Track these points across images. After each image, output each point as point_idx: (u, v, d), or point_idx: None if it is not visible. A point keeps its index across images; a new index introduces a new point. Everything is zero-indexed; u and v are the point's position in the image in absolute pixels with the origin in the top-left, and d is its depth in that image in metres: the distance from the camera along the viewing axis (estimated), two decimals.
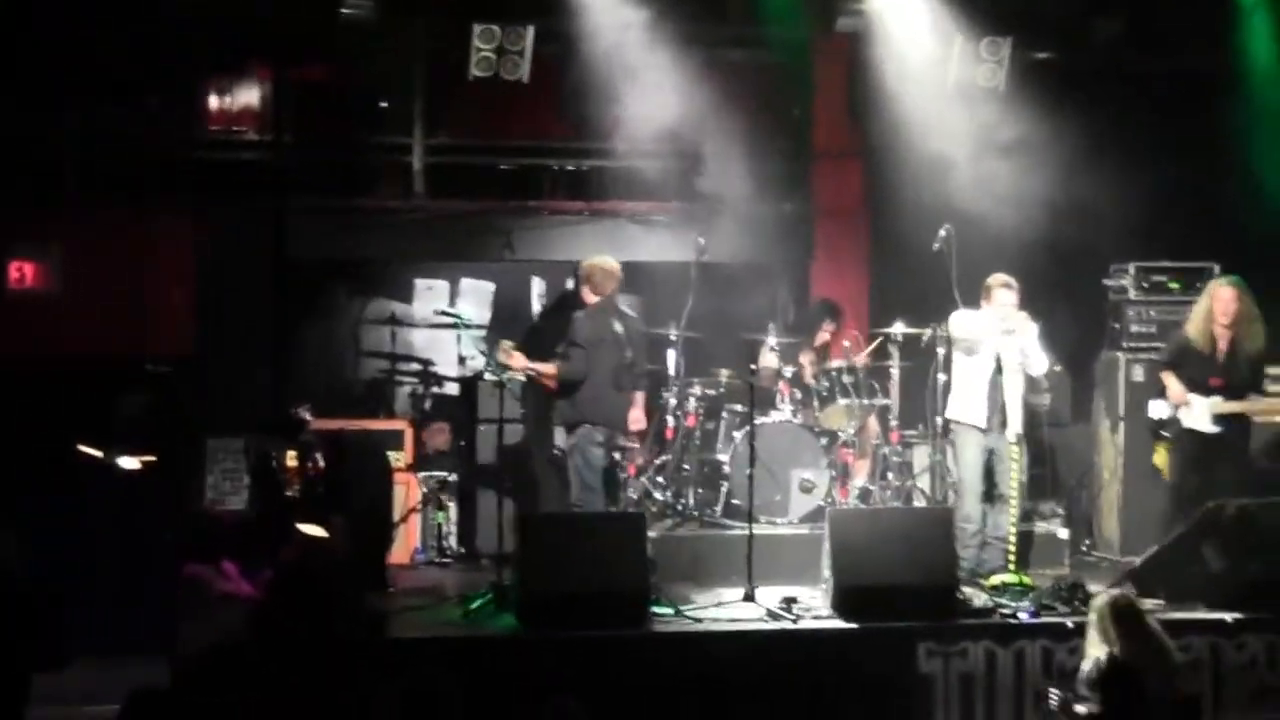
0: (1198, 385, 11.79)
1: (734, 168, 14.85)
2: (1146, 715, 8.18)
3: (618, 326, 12.08)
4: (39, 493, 11.90)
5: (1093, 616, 8.68)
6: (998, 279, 12.06)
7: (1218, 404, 11.70)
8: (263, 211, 13.66)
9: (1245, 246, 13.37)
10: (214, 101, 14.79)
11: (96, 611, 11.29)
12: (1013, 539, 11.67)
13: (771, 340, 13.24)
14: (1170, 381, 11.87)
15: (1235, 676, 10.27)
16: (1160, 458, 12.18)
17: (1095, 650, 8.57)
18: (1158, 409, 12.01)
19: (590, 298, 12.19)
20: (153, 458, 11.24)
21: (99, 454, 11.09)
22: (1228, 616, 10.37)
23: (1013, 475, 11.75)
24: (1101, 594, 9.06)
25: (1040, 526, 12.68)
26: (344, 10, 13.55)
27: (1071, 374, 13.67)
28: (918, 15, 14.08)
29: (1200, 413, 11.74)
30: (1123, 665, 8.28)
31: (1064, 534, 12.47)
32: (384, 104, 14.81)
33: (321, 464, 11.48)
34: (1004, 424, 11.82)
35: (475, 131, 14.99)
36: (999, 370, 11.92)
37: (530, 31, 13.70)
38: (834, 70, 15.16)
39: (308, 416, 12.08)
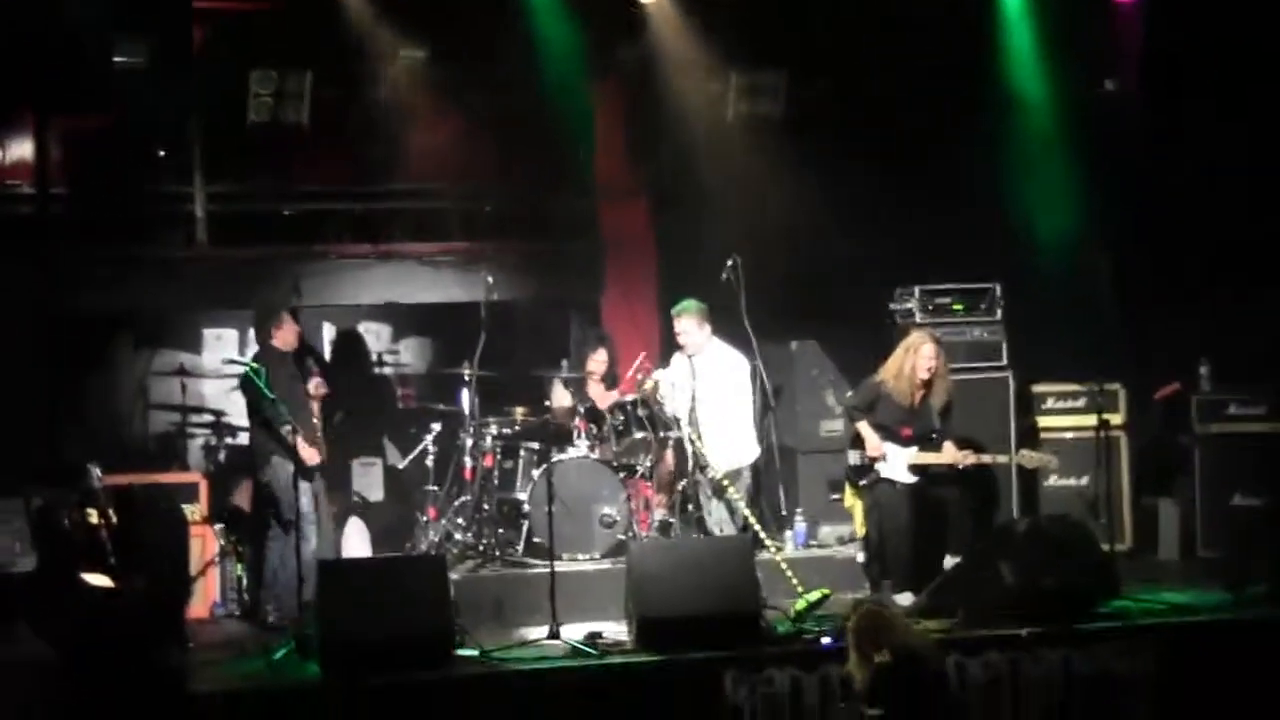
0: (890, 434, 11.93)
1: (520, 207, 14.95)
2: (931, 709, 8.28)
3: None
4: None
5: (849, 638, 8.70)
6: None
7: (914, 454, 11.85)
8: (37, 263, 13.35)
9: (1022, 264, 13.72)
10: None
11: None
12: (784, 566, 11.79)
13: (564, 376, 13.27)
14: (866, 431, 11.95)
15: (1034, 690, 10.41)
16: (850, 503, 12.31)
17: (860, 670, 8.59)
18: (854, 457, 12.10)
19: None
20: None
21: None
22: (1024, 631, 10.51)
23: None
24: (851, 612, 9.08)
25: (840, 551, 12.80)
26: (118, 59, 13.30)
27: None
28: (690, 52, 14.16)
29: (897, 463, 11.89)
30: (890, 669, 8.32)
31: (862, 558, 12.58)
32: (162, 152, 14.58)
33: (113, 520, 11.23)
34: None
35: (256, 177, 14.81)
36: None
37: (308, 75, 13.59)
38: (615, 107, 15.23)
39: (97, 472, 11.83)
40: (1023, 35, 14.01)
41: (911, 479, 11.82)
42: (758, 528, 11.99)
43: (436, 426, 13.01)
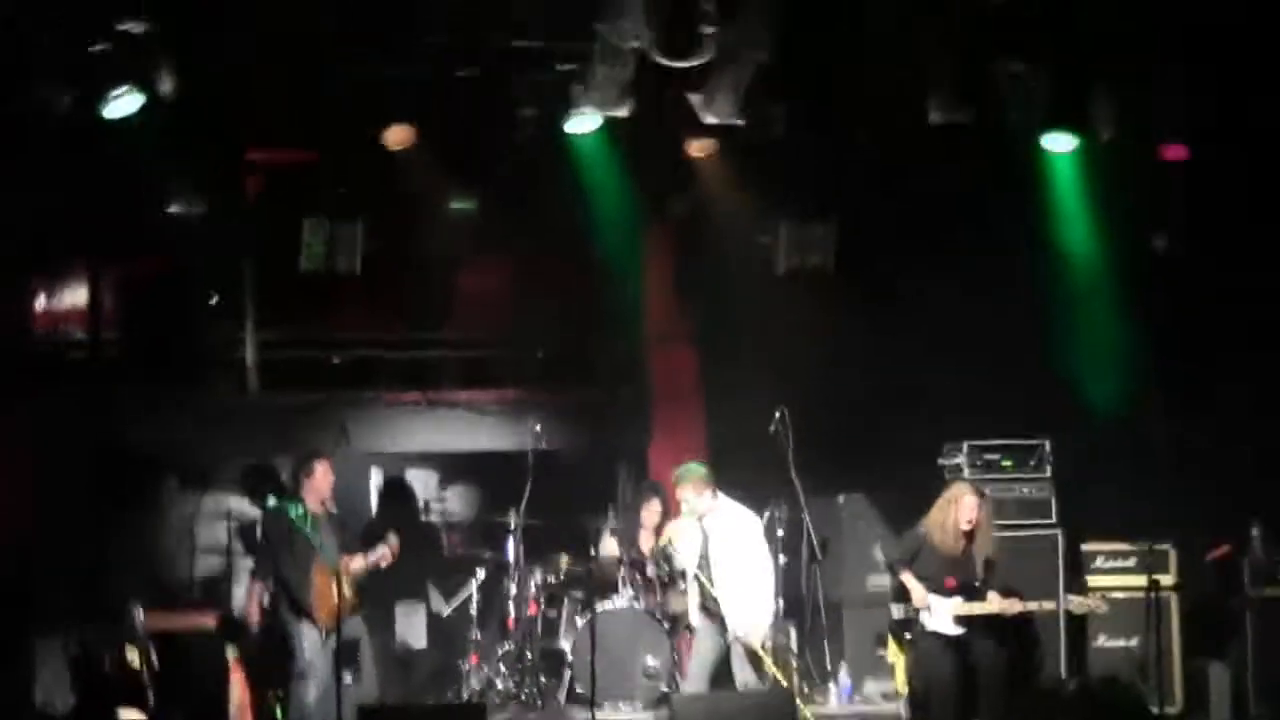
0: (934, 586, 11.84)
1: (569, 353, 15.01)
2: None
3: None
4: None
5: None
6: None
7: (958, 605, 11.75)
8: (88, 405, 13.44)
9: (1072, 421, 13.64)
10: (41, 300, 14.62)
11: None
12: None
13: (611, 524, 13.24)
14: (911, 582, 11.86)
15: None
16: (894, 658, 12.17)
17: None
18: (897, 610, 11.98)
19: None
20: None
21: None
22: None
23: None
24: None
25: (884, 708, 12.67)
26: (172, 208, 13.44)
27: None
28: (740, 204, 14.23)
29: (941, 614, 11.78)
30: None
31: (906, 715, 12.41)
32: (215, 298, 14.71)
33: (154, 661, 11.22)
34: None
35: (307, 323, 14.92)
36: None
37: (360, 225, 13.70)
38: (665, 255, 15.30)
39: (139, 613, 11.84)
40: (1071, 191, 13.98)
41: (956, 630, 11.69)
42: (784, 684, 11.80)
43: (481, 573, 12.96)
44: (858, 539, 13.65)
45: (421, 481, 15.46)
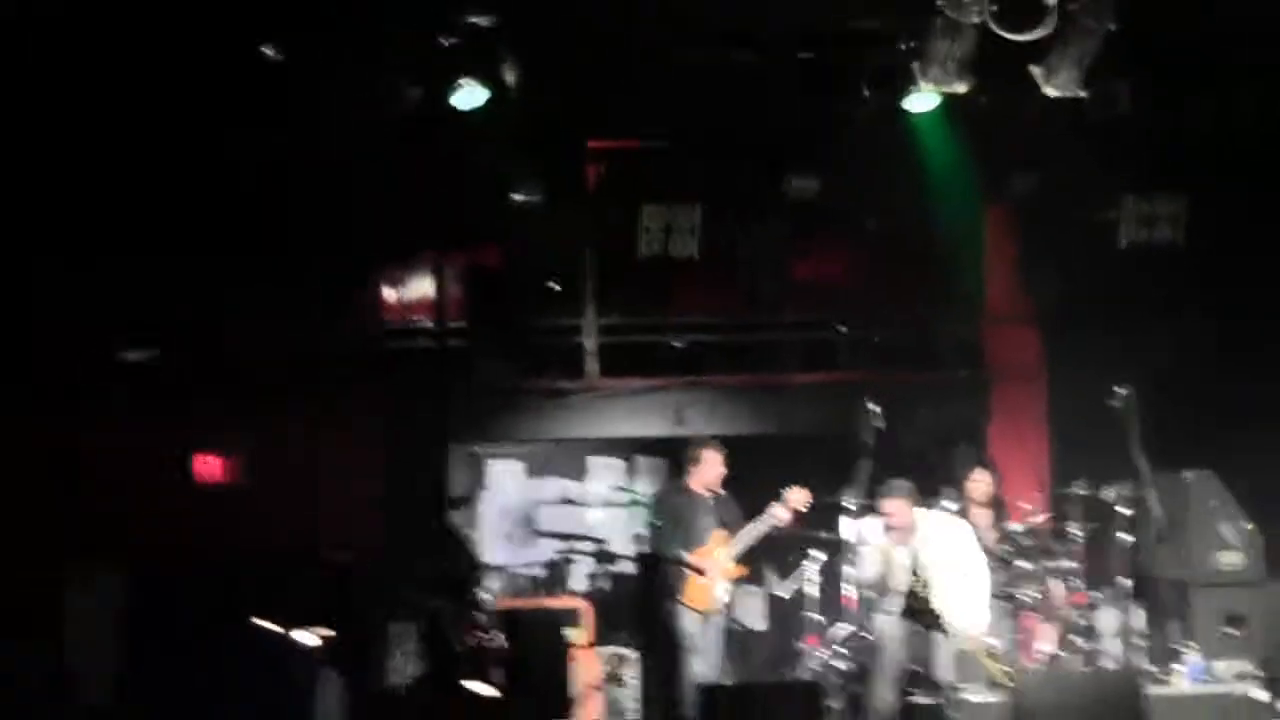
0: None
1: (908, 335, 14.90)
2: None
3: None
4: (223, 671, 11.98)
5: None
6: None
7: None
8: (436, 393, 13.82)
9: None
10: (389, 291, 15.07)
11: None
12: None
13: (950, 507, 13.10)
14: None
15: None
16: None
17: None
18: None
19: None
20: (331, 633, 11.31)
21: (277, 628, 11.20)
22: None
23: None
24: None
25: (1237, 688, 12.23)
26: (514, 197, 13.73)
27: (1264, 532, 13.29)
28: (1085, 178, 13.94)
29: None
30: None
31: (1264, 696, 12.01)
32: (555, 285, 14.97)
33: (500, 641, 11.49)
34: None
35: (645, 309, 15.11)
36: None
37: (698, 209, 13.81)
38: (1006, 233, 15.08)
39: (488, 595, 12.16)
40: None
41: None
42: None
43: (818, 554, 12.92)
44: (1206, 517, 13.23)
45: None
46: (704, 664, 12.23)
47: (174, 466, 14.11)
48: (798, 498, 12.51)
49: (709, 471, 12.63)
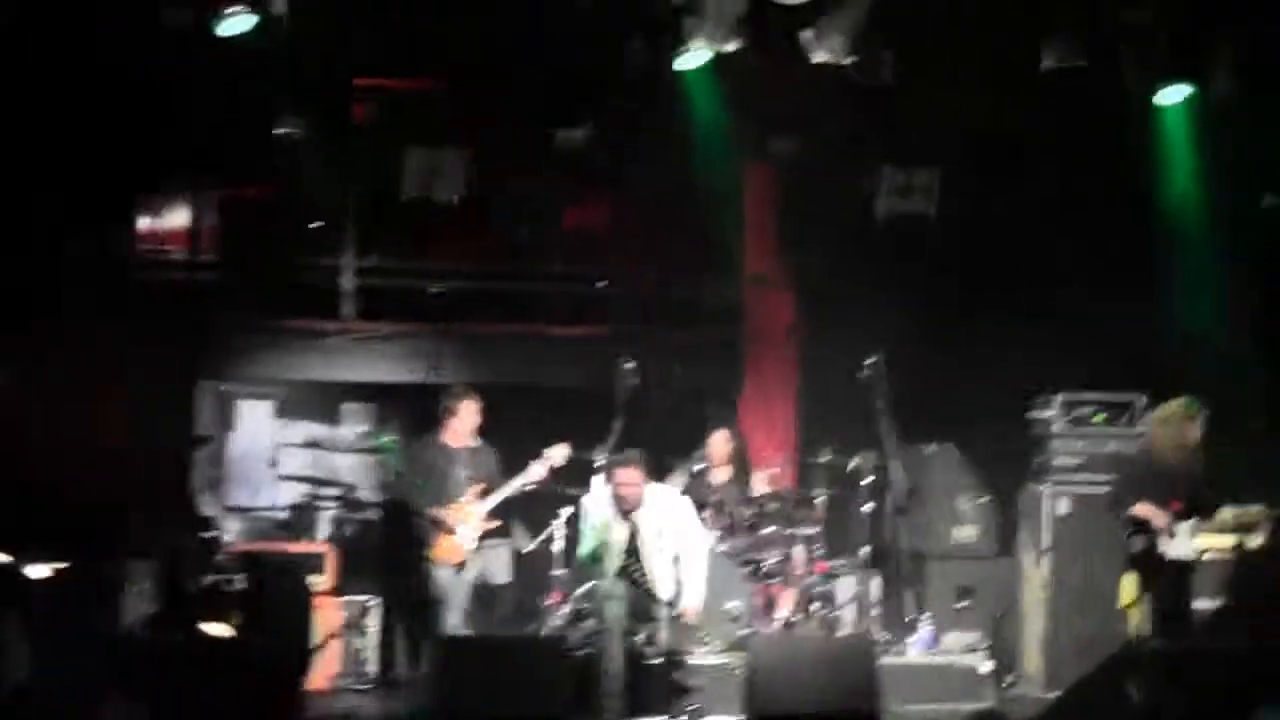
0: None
1: (666, 292, 14.96)
2: None
3: None
4: None
5: None
6: None
7: (1195, 529, 11.55)
8: (186, 328, 13.56)
9: (1166, 376, 13.45)
10: (142, 220, 14.74)
11: None
12: None
13: (696, 468, 13.24)
14: (1151, 511, 11.65)
15: None
16: (1130, 595, 11.99)
17: None
18: (1139, 542, 11.75)
19: None
20: (64, 566, 11.08)
21: (7, 559, 10.96)
22: None
23: None
24: None
25: (963, 659, 12.54)
26: (278, 131, 13.50)
27: (996, 506, 13.63)
28: (843, 146, 14.11)
29: (1182, 541, 11.59)
30: None
31: (987, 668, 12.33)
32: (314, 224, 14.78)
33: (238, 584, 11.34)
34: None
35: (405, 253, 14.97)
36: None
37: (464, 155, 13.71)
38: (766, 197, 15.19)
39: (226, 537, 11.99)
40: (1181, 142, 13.76)
41: (1194, 555, 11.55)
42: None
43: (565, 511, 12.96)
44: (945, 490, 13.56)
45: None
46: (451, 616, 12.16)
47: None
48: (559, 454, 12.47)
49: (465, 423, 12.51)
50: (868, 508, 12.81)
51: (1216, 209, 13.98)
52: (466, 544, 12.35)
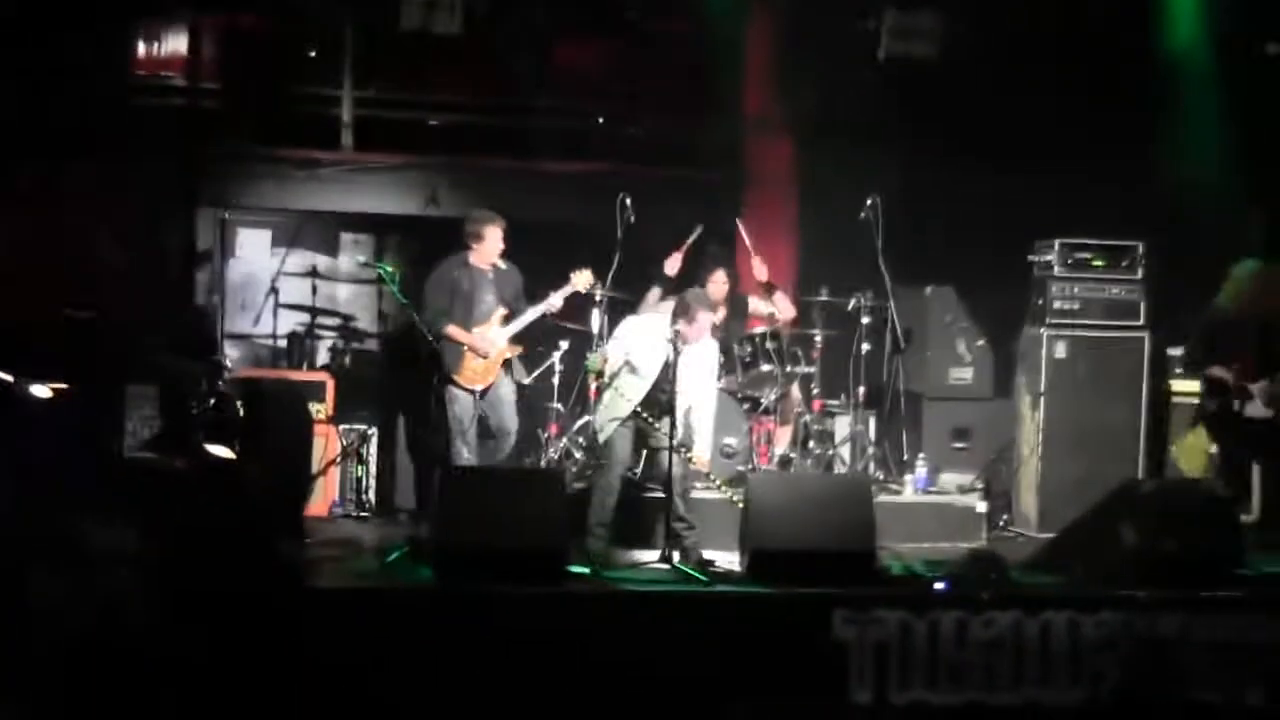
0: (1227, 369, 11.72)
1: (664, 132, 14.91)
2: None
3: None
4: None
5: None
6: None
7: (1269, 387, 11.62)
8: (185, 159, 13.51)
9: (1169, 224, 13.49)
10: (140, 47, 14.64)
11: None
12: None
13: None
14: (1222, 373, 11.68)
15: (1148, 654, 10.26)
16: (1195, 452, 12.05)
17: None
18: (1212, 403, 11.75)
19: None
20: (64, 386, 11.09)
21: (8, 378, 10.97)
22: (1141, 594, 10.34)
23: None
24: None
25: (958, 500, 12.67)
26: None
27: (994, 349, 13.70)
28: None
29: (1258, 401, 11.64)
30: None
31: (982, 508, 12.45)
32: (313, 54, 14.69)
33: (239, 408, 11.36)
34: None
35: (404, 85, 14.91)
36: None
37: None
38: (767, 39, 15.10)
39: (227, 362, 12.01)
40: None
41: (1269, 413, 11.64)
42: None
43: (565, 344, 12.99)
44: (943, 332, 13.62)
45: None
46: (465, 446, 12.10)
47: None
48: (584, 280, 12.28)
49: (491, 247, 12.25)
50: (866, 347, 12.84)
51: (1221, 54, 13.97)
52: (496, 369, 12.22)
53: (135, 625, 9.22)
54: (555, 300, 12.23)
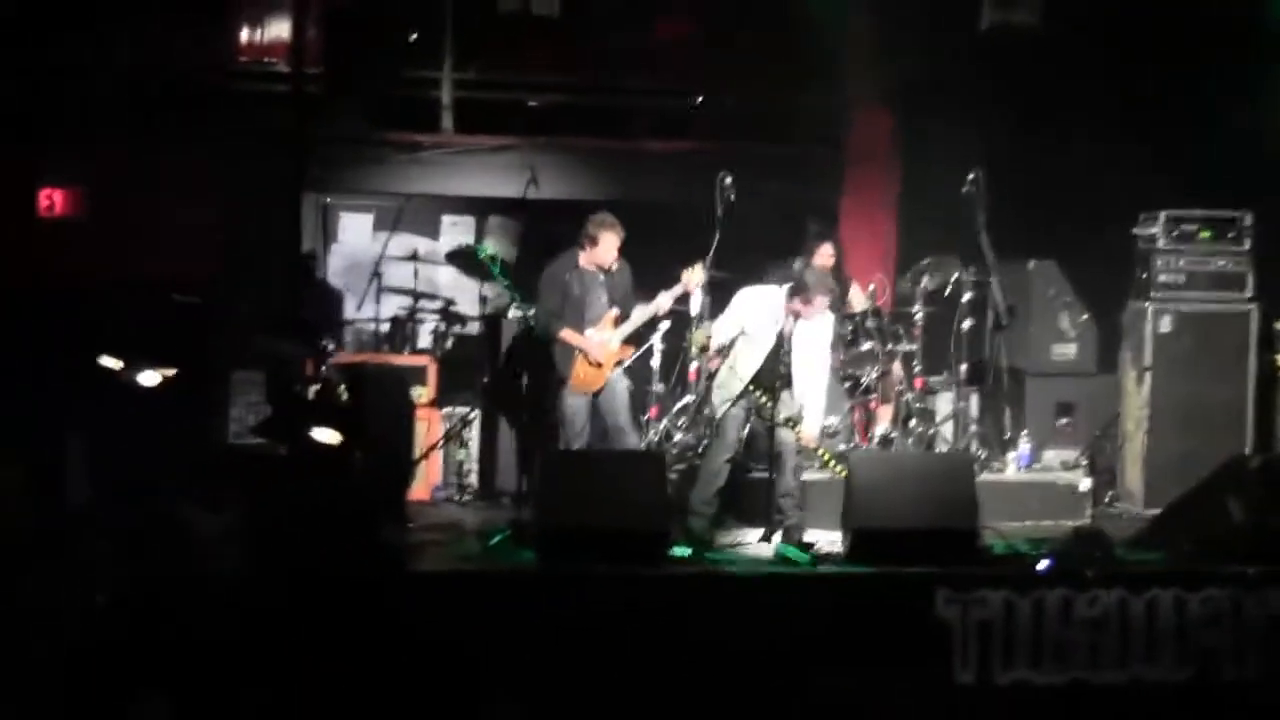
0: None
1: (764, 108, 14.86)
2: None
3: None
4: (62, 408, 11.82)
5: None
6: None
7: None
8: (288, 144, 13.59)
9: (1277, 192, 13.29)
10: (244, 32, 14.77)
11: None
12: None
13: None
14: None
15: (1256, 630, 10.16)
16: None
17: None
18: None
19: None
20: (172, 372, 11.22)
21: (118, 365, 11.10)
22: (1250, 570, 10.24)
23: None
24: None
25: (1062, 477, 12.56)
26: None
27: (1097, 324, 13.55)
28: None
29: None
30: None
31: (1086, 485, 12.34)
32: (413, 37, 14.76)
33: (343, 393, 11.44)
34: None
35: (503, 66, 14.95)
36: None
37: None
38: (869, 8, 15.00)
39: (331, 347, 12.11)
40: None
41: None
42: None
43: (664, 325, 12.96)
44: (1046, 307, 13.46)
45: None
46: (577, 443, 11.88)
47: (18, 201, 13.88)
48: (696, 278, 11.90)
49: (605, 253, 11.90)
50: (967, 324, 12.76)
51: None
52: (608, 374, 11.93)
53: (239, 610, 9.34)
54: (665, 301, 11.92)
